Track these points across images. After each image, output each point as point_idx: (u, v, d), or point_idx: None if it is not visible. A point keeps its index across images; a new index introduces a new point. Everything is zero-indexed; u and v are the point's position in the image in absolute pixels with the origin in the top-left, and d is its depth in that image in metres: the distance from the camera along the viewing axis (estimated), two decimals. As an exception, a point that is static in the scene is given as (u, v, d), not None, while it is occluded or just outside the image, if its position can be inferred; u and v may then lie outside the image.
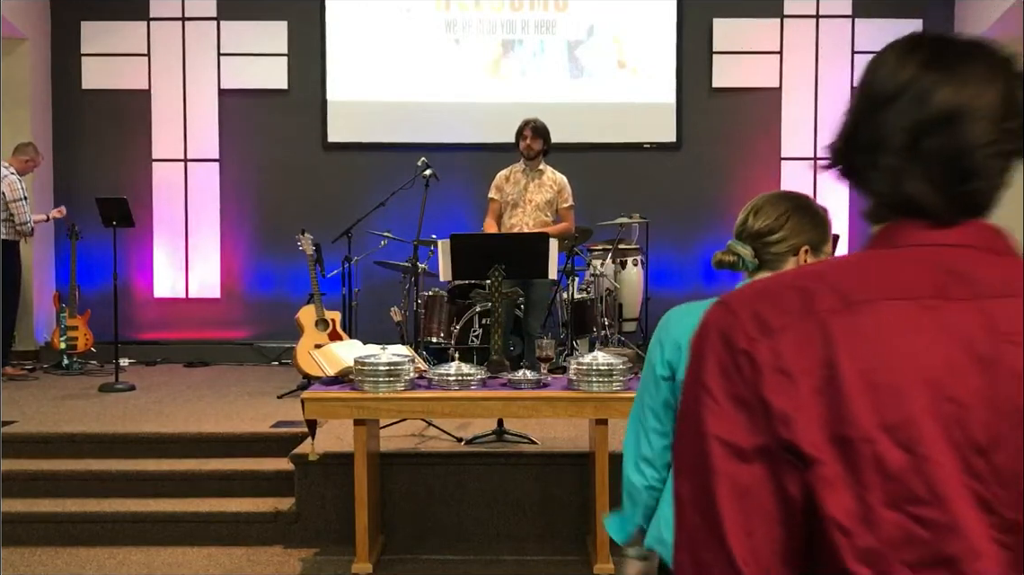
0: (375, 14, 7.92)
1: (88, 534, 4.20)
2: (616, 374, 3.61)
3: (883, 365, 0.82)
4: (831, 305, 0.85)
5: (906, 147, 0.91)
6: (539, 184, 5.69)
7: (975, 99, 0.89)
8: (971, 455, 0.81)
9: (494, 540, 4.21)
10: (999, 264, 0.92)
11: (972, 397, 0.82)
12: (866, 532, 0.81)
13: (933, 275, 0.88)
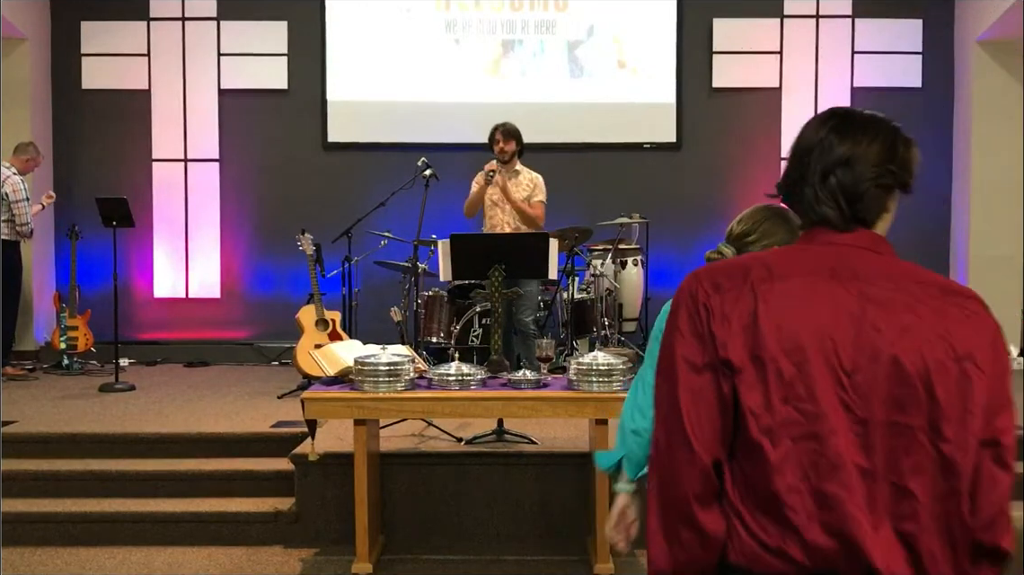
0: (375, 14, 7.92)
1: (88, 534, 4.20)
2: (616, 374, 3.61)
3: (786, 314, 1.34)
4: (760, 276, 1.38)
5: (820, 181, 1.46)
6: (516, 184, 5.76)
7: (864, 150, 1.48)
8: (840, 374, 1.32)
9: (494, 540, 4.21)
10: (874, 258, 1.42)
11: (843, 339, 1.32)
12: (767, 416, 1.32)
13: (829, 262, 1.39)
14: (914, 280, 1.40)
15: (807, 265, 1.40)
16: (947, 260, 8.04)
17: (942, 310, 1.37)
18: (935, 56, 7.95)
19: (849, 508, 1.29)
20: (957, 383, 1.32)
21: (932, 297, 1.37)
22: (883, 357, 1.32)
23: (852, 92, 7.98)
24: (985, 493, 1.31)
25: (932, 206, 8.02)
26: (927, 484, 1.30)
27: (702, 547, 1.34)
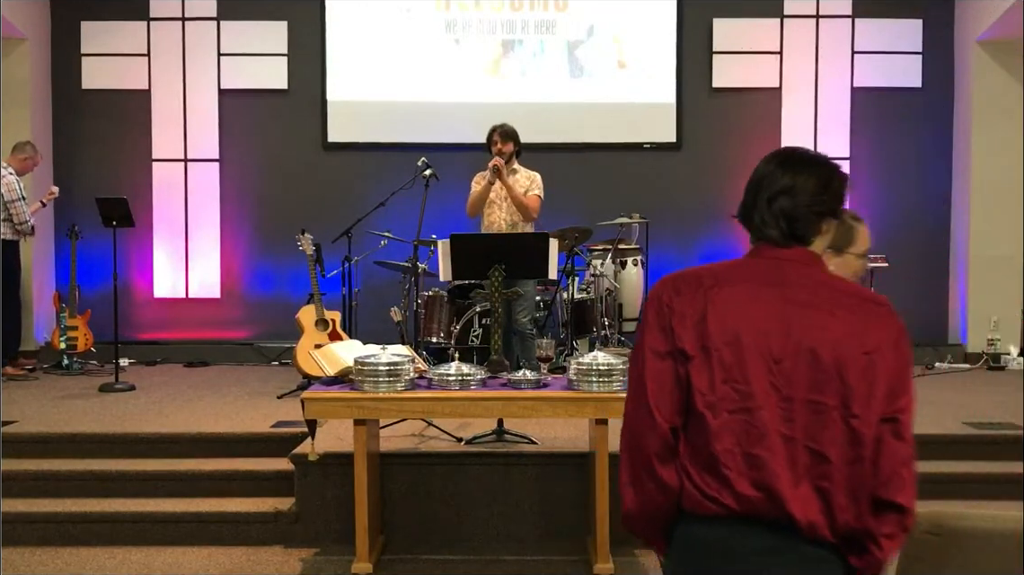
0: (375, 14, 7.93)
1: (88, 534, 4.20)
2: (616, 374, 3.60)
3: (729, 313, 1.69)
4: (710, 283, 1.74)
5: (766, 207, 1.79)
6: (514, 183, 5.76)
7: (802, 182, 1.78)
8: (769, 362, 1.66)
9: (494, 540, 4.21)
10: (805, 270, 1.75)
11: (773, 334, 1.67)
12: (710, 393, 1.67)
13: (767, 272, 1.75)
14: (835, 289, 1.74)
15: (749, 274, 1.76)
16: (947, 260, 8.04)
17: (855, 313, 1.70)
18: (935, 56, 7.96)
19: (772, 467, 1.63)
20: (864, 371, 1.65)
21: (848, 303, 1.71)
22: (804, 349, 1.66)
23: (852, 92, 7.98)
24: (885, 458, 1.65)
25: (932, 206, 8.03)
26: (839, 450, 1.63)
27: (661, 494, 1.71)
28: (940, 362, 7.53)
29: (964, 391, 6.18)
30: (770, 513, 1.64)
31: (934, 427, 4.86)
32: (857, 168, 8.00)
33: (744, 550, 1.67)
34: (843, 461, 1.63)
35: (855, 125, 7.99)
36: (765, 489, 1.63)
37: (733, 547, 1.67)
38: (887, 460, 1.65)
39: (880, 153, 8.00)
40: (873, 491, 1.64)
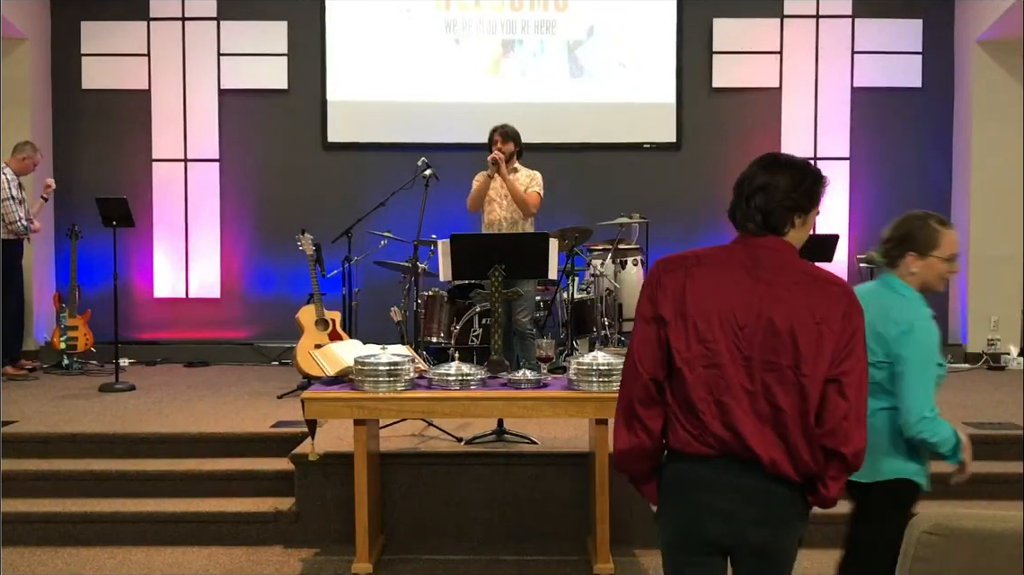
0: (375, 14, 7.93)
1: (88, 534, 4.20)
2: (616, 374, 3.60)
3: (703, 288, 2.04)
4: (692, 263, 2.09)
5: (745, 203, 2.10)
6: (513, 180, 5.75)
7: (776, 181, 2.08)
8: (735, 327, 2.01)
9: (494, 540, 4.21)
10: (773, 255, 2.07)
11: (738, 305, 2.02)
12: (686, 352, 2.03)
13: (741, 256, 2.08)
14: (797, 270, 2.06)
15: (727, 258, 2.10)
16: (947, 260, 8.03)
17: (810, 290, 2.03)
18: (935, 56, 7.96)
19: (737, 413, 2.00)
20: (814, 338, 1.98)
21: (806, 282, 2.04)
22: (764, 318, 2.01)
23: (852, 92, 7.98)
24: (828, 413, 1.99)
25: (932, 206, 7.97)
26: (791, 403, 1.99)
27: (644, 433, 2.09)
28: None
29: (964, 391, 6.18)
30: (741, 453, 2.00)
31: (934, 427, 4.85)
32: (857, 168, 8.01)
33: (723, 485, 2.02)
34: (796, 411, 1.98)
35: (855, 125, 7.99)
36: (732, 430, 2.00)
37: (713, 482, 2.03)
38: (831, 414, 1.99)
39: (880, 153, 8.00)
40: (820, 440, 1.99)
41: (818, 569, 3.89)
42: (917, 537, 1.94)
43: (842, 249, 7.09)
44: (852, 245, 7.89)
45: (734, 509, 2.03)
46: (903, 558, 1.97)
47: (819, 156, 8.02)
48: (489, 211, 5.78)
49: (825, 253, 5.73)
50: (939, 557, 1.92)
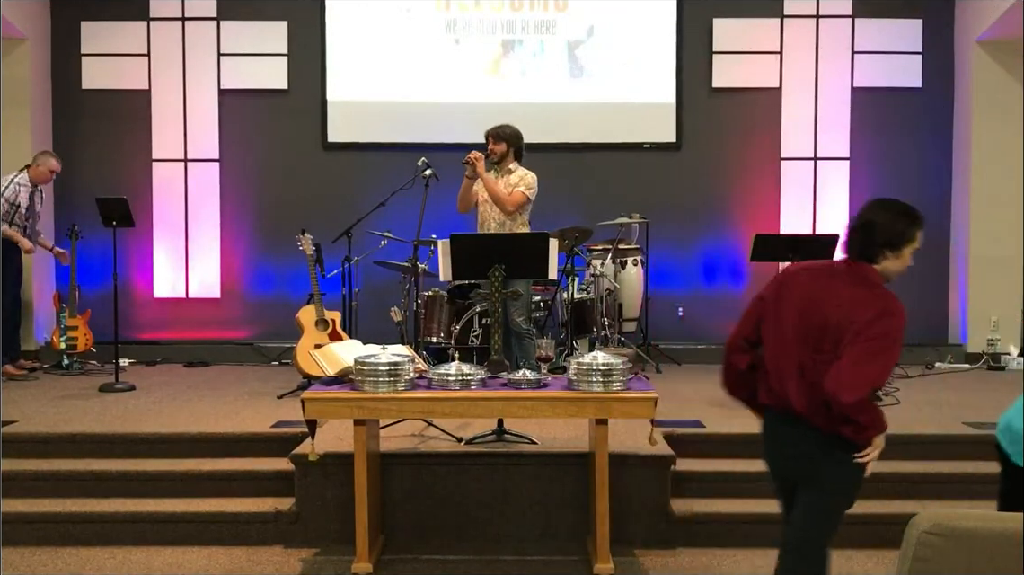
0: (375, 14, 7.93)
1: (88, 534, 4.20)
2: (616, 374, 3.60)
3: (796, 288, 2.79)
4: (804, 269, 2.87)
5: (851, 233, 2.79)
6: (506, 182, 5.77)
7: (876, 220, 2.74)
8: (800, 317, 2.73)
9: (494, 540, 4.21)
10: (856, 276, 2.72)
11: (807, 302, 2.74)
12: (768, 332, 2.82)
13: (831, 270, 2.80)
14: (860, 285, 2.69)
15: (826, 270, 2.80)
16: (947, 260, 8.04)
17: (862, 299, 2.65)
18: (935, 56, 7.96)
19: (788, 379, 2.73)
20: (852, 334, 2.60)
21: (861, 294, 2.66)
22: (823, 315, 2.67)
23: (852, 92, 7.98)
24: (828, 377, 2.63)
25: (932, 206, 8.02)
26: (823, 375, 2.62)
27: (732, 371, 2.90)
28: (940, 362, 7.53)
29: (964, 391, 6.18)
30: (789, 408, 2.73)
31: (934, 427, 4.86)
32: (857, 168, 8.01)
33: (778, 429, 2.83)
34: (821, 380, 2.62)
35: (855, 125, 7.99)
36: (783, 391, 2.74)
37: (777, 426, 2.84)
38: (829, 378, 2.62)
39: (880, 153, 8.00)
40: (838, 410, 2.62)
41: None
42: (917, 537, 1.93)
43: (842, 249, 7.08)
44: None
45: (784, 447, 2.81)
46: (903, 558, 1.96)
47: (819, 156, 8.02)
48: (482, 211, 5.82)
49: (825, 253, 5.73)
50: (939, 557, 1.92)
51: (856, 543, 4.12)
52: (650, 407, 3.58)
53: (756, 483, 4.41)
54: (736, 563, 3.97)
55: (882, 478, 4.40)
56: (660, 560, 4.00)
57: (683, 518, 4.19)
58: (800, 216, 8.01)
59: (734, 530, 4.18)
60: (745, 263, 7.76)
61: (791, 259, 5.69)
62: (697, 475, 4.43)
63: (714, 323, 7.96)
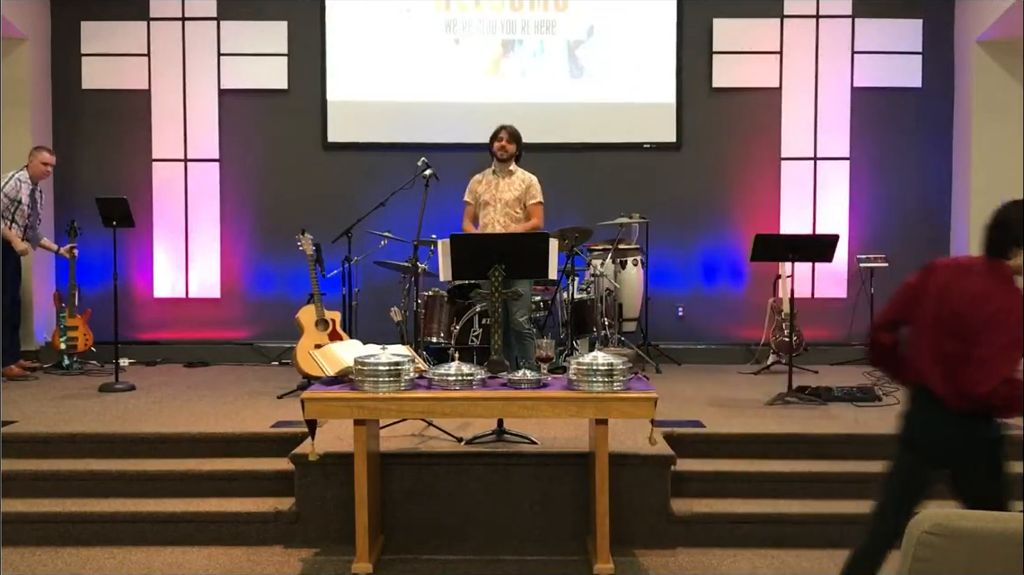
0: (375, 14, 7.93)
1: (88, 534, 4.20)
2: (616, 374, 3.61)
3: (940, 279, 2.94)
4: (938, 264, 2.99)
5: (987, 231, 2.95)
6: (509, 183, 5.83)
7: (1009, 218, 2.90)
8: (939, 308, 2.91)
9: (494, 540, 4.21)
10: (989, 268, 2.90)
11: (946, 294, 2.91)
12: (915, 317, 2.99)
13: (970, 264, 2.96)
14: (991, 280, 2.85)
15: (959, 264, 2.96)
16: (947, 260, 8.03)
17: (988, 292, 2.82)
18: (935, 56, 7.96)
19: (925, 360, 2.91)
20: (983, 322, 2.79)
21: (989, 286, 2.84)
22: (954, 305, 2.85)
23: (852, 92, 7.98)
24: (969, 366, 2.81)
25: (932, 206, 8.03)
26: (960, 365, 2.81)
27: (876, 346, 3.10)
28: (940, 362, 7.52)
29: (964, 391, 6.17)
30: (930, 389, 2.90)
31: (934, 427, 4.85)
32: (857, 168, 8.01)
33: (926, 405, 2.95)
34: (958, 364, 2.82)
35: (855, 125, 7.99)
36: (924, 373, 2.92)
37: (920, 403, 2.99)
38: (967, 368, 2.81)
39: (880, 153, 8.00)
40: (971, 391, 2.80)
41: (818, 568, 3.89)
42: (917, 537, 1.93)
43: (842, 249, 7.09)
44: (852, 245, 7.89)
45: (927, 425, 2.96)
46: (903, 558, 1.96)
47: (819, 156, 8.02)
48: (484, 214, 5.86)
49: (825, 253, 5.74)
50: (939, 557, 1.92)
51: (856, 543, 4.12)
52: (650, 407, 3.58)
53: (756, 483, 4.43)
54: (736, 563, 3.97)
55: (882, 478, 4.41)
56: (660, 560, 4.00)
57: (683, 518, 4.19)
58: (800, 216, 8.01)
59: (734, 530, 4.18)
60: (745, 263, 7.76)
61: (791, 259, 5.70)
62: (697, 475, 4.43)
63: (714, 323, 7.97)
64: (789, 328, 6.32)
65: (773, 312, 7.27)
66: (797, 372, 6.27)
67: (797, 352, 6.65)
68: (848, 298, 7.85)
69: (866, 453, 4.61)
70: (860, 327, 7.59)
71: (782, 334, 7.07)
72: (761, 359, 7.38)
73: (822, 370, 7.07)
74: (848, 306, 7.77)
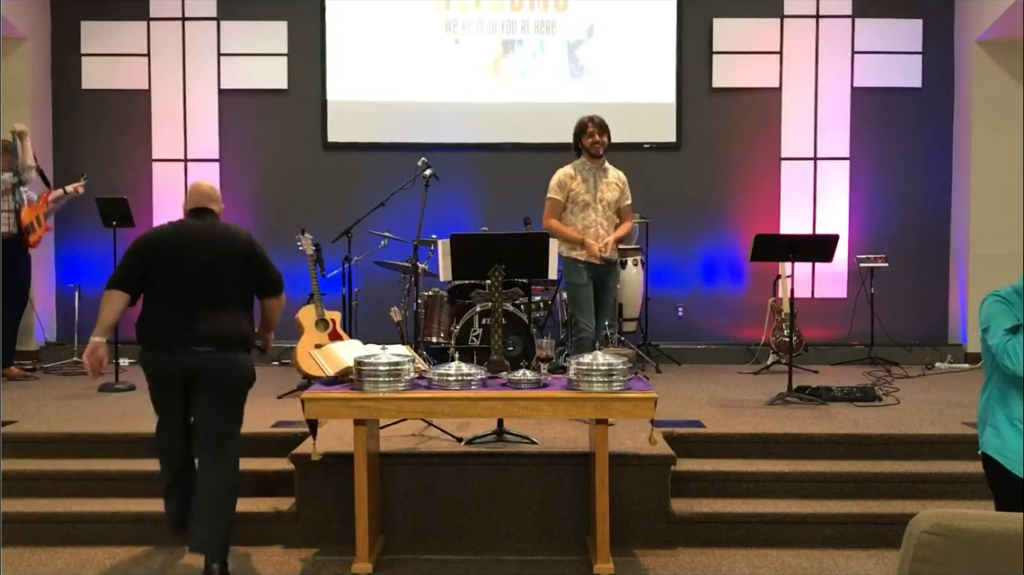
0: (375, 14, 7.93)
1: (88, 534, 4.20)
2: (616, 374, 3.60)
3: None
4: None
5: None
6: (607, 183, 5.42)
7: None
8: None
9: (494, 540, 4.21)
10: None
11: None
12: None
13: None
14: None
15: None
16: (947, 260, 8.05)
17: None
18: (935, 56, 7.96)
19: None
20: None
21: None
22: None
23: (852, 92, 7.98)
24: None
25: (932, 206, 8.03)
26: None
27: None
28: (940, 362, 7.53)
29: (964, 391, 6.18)
30: None
31: (934, 427, 4.86)
32: (857, 168, 8.01)
33: None
34: None
35: (855, 125, 7.99)
36: None
37: None
38: None
39: (880, 153, 8.00)
40: None
41: (818, 568, 3.89)
42: (917, 537, 1.93)
43: (842, 249, 7.09)
44: (852, 245, 7.90)
45: None
46: (902, 558, 1.96)
47: (819, 156, 8.02)
48: (584, 216, 5.34)
49: (825, 253, 5.73)
50: (939, 557, 1.92)
51: (856, 543, 4.13)
52: (650, 407, 3.58)
53: (756, 483, 4.43)
54: (736, 563, 3.97)
55: (882, 478, 4.42)
56: (660, 560, 4.00)
57: (683, 518, 4.19)
58: (800, 216, 8.01)
59: (734, 530, 4.18)
60: (745, 263, 7.76)
61: (791, 259, 5.70)
62: (697, 475, 4.43)
63: (714, 323, 7.97)
64: (789, 328, 6.33)
65: (773, 312, 7.27)
66: (797, 372, 6.27)
67: (797, 352, 6.66)
68: (848, 298, 7.85)
69: (866, 453, 4.62)
70: (860, 327, 7.60)
71: (782, 334, 7.07)
72: (761, 359, 7.38)
73: (822, 370, 7.07)
74: (848, 306, 7.78)
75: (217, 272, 3.73)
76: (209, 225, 4.01)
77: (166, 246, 3.82)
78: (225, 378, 3.66)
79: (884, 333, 7.48)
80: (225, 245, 3.83)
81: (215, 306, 3.68)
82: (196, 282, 3.70)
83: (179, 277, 3.71)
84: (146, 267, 3.76)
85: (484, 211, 7.63)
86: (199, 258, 3.76)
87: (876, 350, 7.41)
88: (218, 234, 3.92)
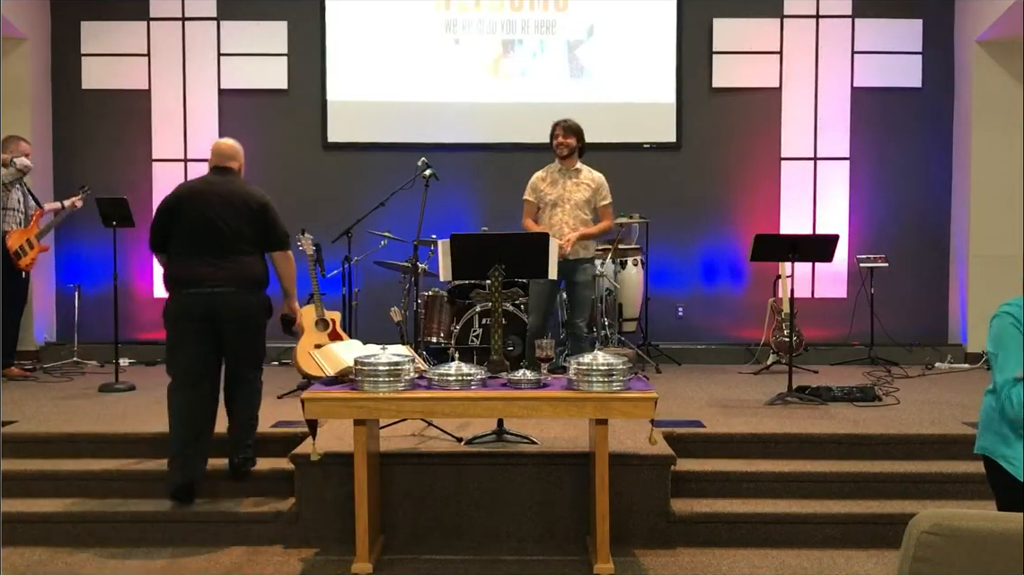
0: (375, 14, 7.93)
1: (88, 534, 4.20)
2: (616, 374, 3.60)
3: None
4: None
5: None
6: (576, 183, 5.67)
7: None
8: None
9: (494, 540, 4.21)
10: None
11: None
12: None
13: None
14: None
15: None
16: (947, 260, 8.05)
17: None
18: (935, 56, 7.96)
19: None
20: None
21: None
22: None
23: (852, 92, 7.98)
24: None
25: (932, 206, 8.03)
26: None
27: None
28: (940, 362, 7.53)
29: (964, 391, 6.18)
30: None
31: (934, 427, 4.86)
32: (857, 168, 8.01)
33: None
34: None
35: (855, 125, 7.99)
36: None
37: None
38: None
39: (880, 153, 8.00)
40: None
41: (818, 568, 3.89)
42: (917, 537, 1.93)
43: (842, 249, 7.09)
44: (852, 245, 7.90)
45: None
46: (903, 558, 1.96)
47: (819, 156, 8.02)
48: (551, 215, 5.67)
49: (825, 253, 5.73)
50: (939, 557, 1.92)
51: (856, 543, 4.12)
52: (650, 407, 3.58)
53: (756, 483, 4.43)
54: (736, 563, 3.97)
55: (882, 478, 4.42)
56: (660, 560, 4.00)
57: (683, 518, 4.19)
58: (800, 216, 8.01)
59: (734, 530, 4.18)
60: (745, 263, 7.76)
61: (791, 259, 5.70)
62: (697, 475, 4.43)
63: (714, 323, 7.97)
64: (789, 328, 6.32)
65: (773, 312, 7.27)
66: (797, 372, 6.27)
67: (797, 352, 6.66)
68: (848, 298, 7.85)
69: (866, 453, 4.62)
70: (860, 327, 7.60)
71: (782, 334, 7.07)
72: (761, 359, 7.38)
73: (822, 370, 7.07)
74: (848, 306, 7.78)
75: (228, 224, 4.33)
76: (226, 181, 4.45)
77: (188, 199, 4.36)
78: (244, 312, 4.36)
79: (884, 333, 7.48)
80: (238, 200, 4.36)
81: (232, 252, 4.36)
82: (212, 232, 4.30)
83: (197, 228, 4.30)
84: (171, 220, 4.34)
85: (484, 211, 7.62)
86: (215, 210, 4.31)
87: (876, 350, 7.41)
88: (234, 189, 4.41)
